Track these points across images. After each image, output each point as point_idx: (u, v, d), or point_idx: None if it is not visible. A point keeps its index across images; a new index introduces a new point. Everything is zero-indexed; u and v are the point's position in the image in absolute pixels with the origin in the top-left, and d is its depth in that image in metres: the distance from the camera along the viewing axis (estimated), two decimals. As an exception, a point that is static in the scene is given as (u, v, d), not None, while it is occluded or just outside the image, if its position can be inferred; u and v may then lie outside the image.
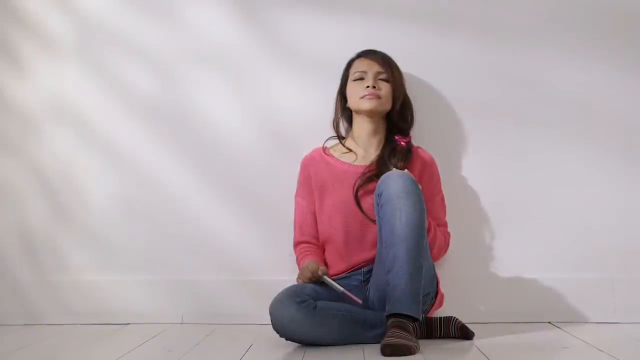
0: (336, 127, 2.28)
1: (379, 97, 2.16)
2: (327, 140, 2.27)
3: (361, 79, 2.19)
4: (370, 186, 2.09)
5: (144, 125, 2.43)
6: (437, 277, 2.08)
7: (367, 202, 2.08)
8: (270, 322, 1.93)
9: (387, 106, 2.19)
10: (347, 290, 2.02)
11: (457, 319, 2.03)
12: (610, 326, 2.18)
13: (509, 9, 2.33)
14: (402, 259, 1.83)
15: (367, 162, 2.18)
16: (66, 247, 2.44)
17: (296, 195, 2.25)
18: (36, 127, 2.47)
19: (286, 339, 1.95)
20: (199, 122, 2.41)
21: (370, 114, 2.18)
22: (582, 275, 2.25)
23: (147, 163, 2.42)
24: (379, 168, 2.12)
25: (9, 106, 2.49)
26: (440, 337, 2.02)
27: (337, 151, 2.25)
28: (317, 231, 2.20)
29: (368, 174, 2.12)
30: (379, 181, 1.97)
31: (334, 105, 2.28)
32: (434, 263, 2.08)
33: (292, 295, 1.93)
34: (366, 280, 2.10)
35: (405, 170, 2.01)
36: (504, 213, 2.30)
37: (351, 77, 2.21)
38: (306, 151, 2.27)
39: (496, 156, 2.32)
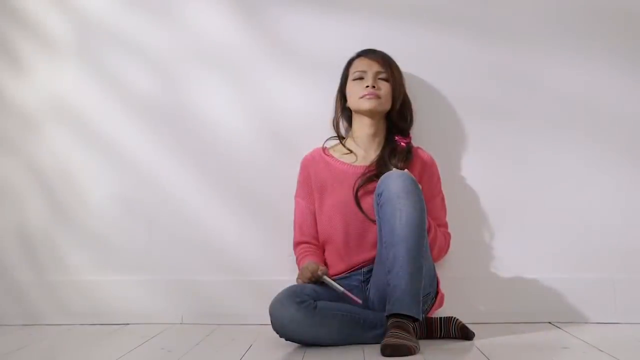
0: (336, 126, 2.28)
1: (378, 96, 2.15)
2: (327, 140, 2.27)
3: (361, 78, 2.18)
4: (370, 186, 2.09)
5: (144, 125, 2.43)
6: (437, 277, 2.08)
7: (367, 202, 2.08)
8: (270, 322, 1.93)
9: (387, 106, 2.19)
10: (347, 290, 2.01)
11: (457, 319, 2.02)
12: (611, 326, 2.18)
13: (509, 8, 2.33)
14: (402, 259, 1.83)
15: (367, 162, 2.17)
16: (65, 247, 2.43)
17: (296, 196, 2.25)
18: (35, 126, 2.47)
19: (286, 339, 1.95)
20: (199, 122, 2.41)
21: (370, 113, 2.18)
22: (582, 275, 2.25)
23: (147, 163, 2.42)
24: (379, 168, 2.12)
25: (8, 106, 2.49)
26: (441, 338, 2.02)
27: (337, 152, 2.24)
28: (317, 231, 2.19)
29: (368, 174, 2.12)
30: (379, 181, 1.97)
31: (334, 104, 2.28)
32: (434, 263, 2.08)
33: (292, 296, 1.92)
34: (366, 281, 2.09)
35: (405, 170, 2.01)
36: (504, 213, 2.30)
37: (351, 76, 2.21)
38: (306, 151, 2.27)
39: (496, 156, 2.32)
